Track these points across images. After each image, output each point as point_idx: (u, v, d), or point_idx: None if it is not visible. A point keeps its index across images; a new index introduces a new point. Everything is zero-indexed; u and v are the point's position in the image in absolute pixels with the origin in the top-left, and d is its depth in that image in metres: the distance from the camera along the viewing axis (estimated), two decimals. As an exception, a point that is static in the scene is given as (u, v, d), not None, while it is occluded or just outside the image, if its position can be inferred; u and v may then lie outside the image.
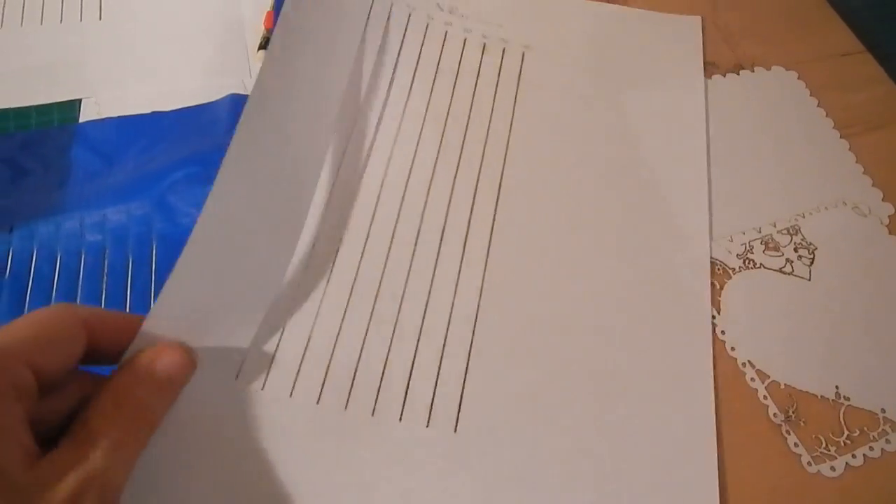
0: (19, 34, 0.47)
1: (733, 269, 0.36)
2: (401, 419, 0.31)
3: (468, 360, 0.32)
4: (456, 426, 0.31)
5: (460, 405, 0.31)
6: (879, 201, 0.38)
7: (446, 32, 0.43)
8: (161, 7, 0.49)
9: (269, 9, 0.49)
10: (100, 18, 0.48)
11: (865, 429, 0.32)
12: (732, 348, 0.34)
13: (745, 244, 0.37)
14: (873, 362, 0.33)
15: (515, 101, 0.40)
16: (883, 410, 0.32)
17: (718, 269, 0.36)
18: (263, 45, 0.47)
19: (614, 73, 0.42)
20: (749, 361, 0.33)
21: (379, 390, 0.31)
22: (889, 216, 0.38)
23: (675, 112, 0.41)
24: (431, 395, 0.31)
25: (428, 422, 0.31)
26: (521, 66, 0.42)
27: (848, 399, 0.32)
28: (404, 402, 0.31)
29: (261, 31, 0.48)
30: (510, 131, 0.39)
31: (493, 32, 0.43)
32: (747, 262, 0.36)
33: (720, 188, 0.39)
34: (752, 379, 0.33)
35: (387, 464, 0.30)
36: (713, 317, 0.34)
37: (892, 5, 0.51)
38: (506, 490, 0.29)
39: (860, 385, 0.33)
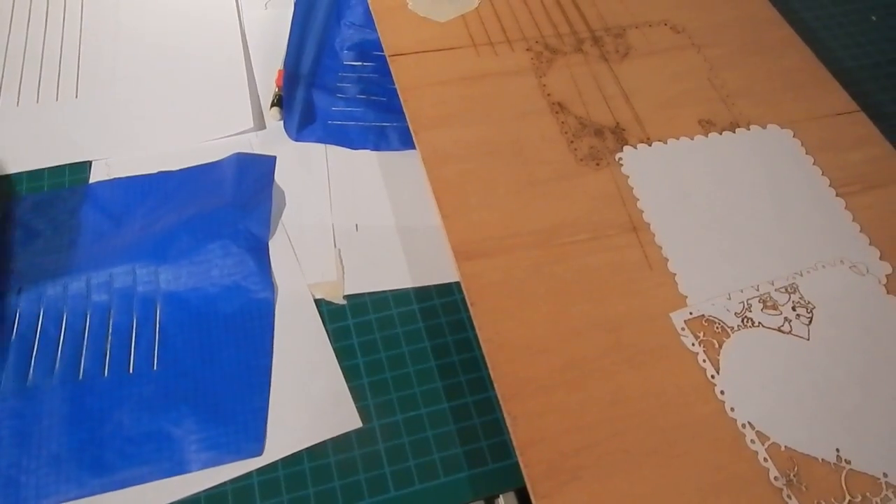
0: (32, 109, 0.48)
1: (731, 328, 0.36)
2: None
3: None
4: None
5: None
6: (877, 260, 0.39)
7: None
8: (168, 69, 0.51)
9: (279, 67, 0.50)
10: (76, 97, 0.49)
11: (868, 494, 0.31)
12: (732, 409, 0.34)
13: (744, 302, 0.37)
14: (874, 425, 0.33)
15: None
16: (885, 475, 0.32)
17: (717, 328, 0.36)
18: (276, 102, 0.48)
19: None
20: (749, 423, 0.33)
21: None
22: (887, 275, 0.38)
23: None
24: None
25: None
26: None
27: (849, 462, 0.32)
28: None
29: (273, 89, 0.50)
30: None
31: None
32: (745, 320, 0.36)
33: (717, 246, 0.39)
34: (752, 441, 0.33)
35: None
36: (712, 377, 0.34)
37: (886, 66, 0.52)
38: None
39: (861, 448, 0.32)
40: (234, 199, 0.43)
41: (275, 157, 0.46)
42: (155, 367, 0.37)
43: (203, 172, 0.45)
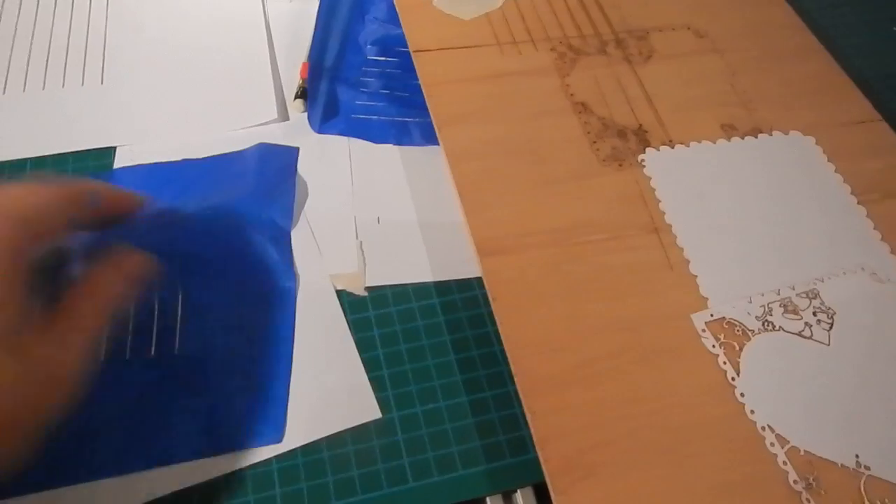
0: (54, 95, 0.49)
1: (752, 331, 0.36)
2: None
3: None
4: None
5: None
6: (897, 268, 0.39)
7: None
8: (193, 59, 0.51)
9: (304, 60, 0.51)
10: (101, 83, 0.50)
11: (886, 500, 0.31)
12: (752, 411, 0.34)
13: (764, 306, 0.37)
14: (893, 432, 0.33)
15: None
16: (904, 481, 0.32)
17: (738, 331, 0.36)
18: (300, 94, 0.49)
19: None
20: (768, 425, 0.33)
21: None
22: (908, 283, 0.38)
23: None
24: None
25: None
26: None
27: (868, 468, 0.32)
28: None
29: (297, 80, 0.50)
30: None
31: None
32: (766, 324, 0.37)
33: (739, 249, 0.39)
34: (772, 444, 0.33)
35: None
36: (732, 379, 0.35)
37: (908, 75, 0.52)
38: None
39: (880, 454, 0.32)
40: (257, 189, 0.43)
41: (297, 148, 0.46)
42: (176, 351, 0.37)
43: (227, 161, 0.45)
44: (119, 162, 0.45)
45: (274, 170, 0.44)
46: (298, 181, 0.45)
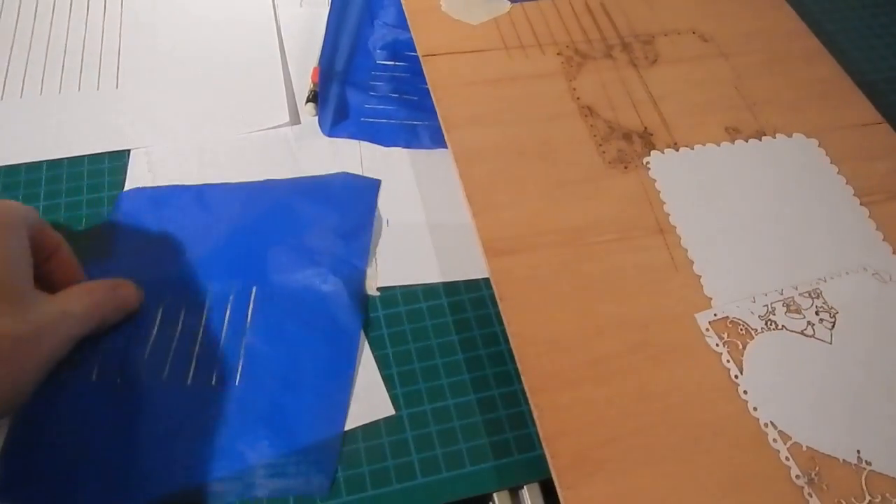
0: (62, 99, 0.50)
1: (755, 330, 0.37)
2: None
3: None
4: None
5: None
6: (899, 268, 0.39)
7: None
8: (206, 64, 0.52)
9: (315, 64, 0.51)
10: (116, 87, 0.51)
11: (888, 495, 0.32)
12: (755, 408, 0.34)
13: (767, 305, 0.38)
14: (894, 428, 0.34)
15: None
16: (905, 476, 0.32)
17: (741, 330, 0.37)
18: (311, 98, 0.49)
19: None
20: (771, 422, 0.34)
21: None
22: (910, 283, 0.39)
23: None
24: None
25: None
26: None
27: (870, 464, 0.33)
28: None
29: (308, 84, 0.51)
30: None
31: None
32: (769, 323, 0.37)
33: (742, 250, 0.40)
34: (775, 440, 0.33)
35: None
36: (735, 377, 0.35)
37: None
38: None
39: (882, 450, 0.33)
40: (339, 225, 0.43)
41: (379, 181, 0.46)
42: (237, 383, 0.37)
43: (309, 187, 0.45)
44: (133, 164, 0.46)
45: (355, 204, 0.44)
46: (310, 185, 0.45)
